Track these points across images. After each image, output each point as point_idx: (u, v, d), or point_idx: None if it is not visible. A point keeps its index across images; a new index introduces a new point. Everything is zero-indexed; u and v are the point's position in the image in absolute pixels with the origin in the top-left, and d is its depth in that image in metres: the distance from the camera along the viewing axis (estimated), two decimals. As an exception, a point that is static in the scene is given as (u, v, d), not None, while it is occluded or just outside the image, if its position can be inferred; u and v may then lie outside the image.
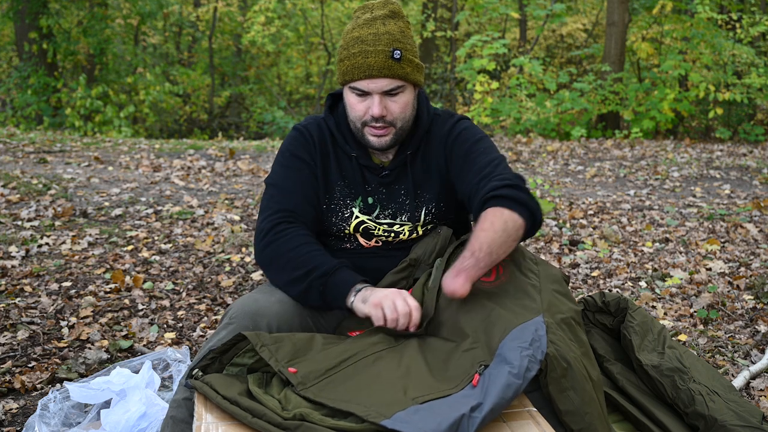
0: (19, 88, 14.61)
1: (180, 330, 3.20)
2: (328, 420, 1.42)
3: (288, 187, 1.96)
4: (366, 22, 1.88)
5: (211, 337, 1.76)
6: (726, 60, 11.76)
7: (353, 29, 1.89)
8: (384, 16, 1.88)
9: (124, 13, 16.95)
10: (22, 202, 5.43)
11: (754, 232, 4.87)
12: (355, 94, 1.89)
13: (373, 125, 1.89)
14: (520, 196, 1.80)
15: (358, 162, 1.98)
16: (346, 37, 1.90)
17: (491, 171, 1.88)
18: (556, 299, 1.78)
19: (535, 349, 1.56)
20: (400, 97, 1.89)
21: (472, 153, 1.95)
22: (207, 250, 4.38)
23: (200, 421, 1.48)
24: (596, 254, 4.38)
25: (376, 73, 1.83)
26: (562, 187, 6.86)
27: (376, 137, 1.91)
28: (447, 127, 2.01)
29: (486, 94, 11.84)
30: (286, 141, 2.04)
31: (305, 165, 1.98)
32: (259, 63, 20.47)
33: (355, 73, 1.85)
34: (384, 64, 1.83)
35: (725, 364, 2.79)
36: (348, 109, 1.94)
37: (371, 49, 1.83)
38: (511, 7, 12.73)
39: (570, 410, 1.57)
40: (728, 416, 1.85)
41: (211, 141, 10.99)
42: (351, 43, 1.87)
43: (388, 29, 1.86)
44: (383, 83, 1.85)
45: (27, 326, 3.11)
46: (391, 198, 2.00)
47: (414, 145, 1.98)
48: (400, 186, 1.99)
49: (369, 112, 1.88)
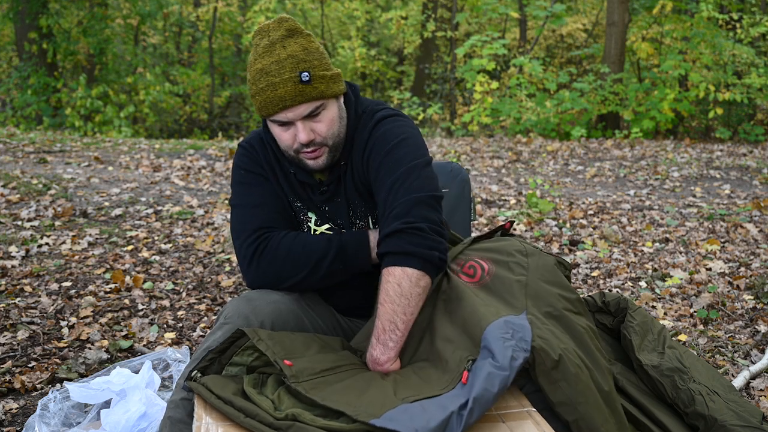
0: (19, 88, 14.62)
1: (180, 330, 3.20)
2: (319, 420, 1.43)
3: (254, 202, 1.90)
4: (266, 50, 1.78)
5: (207, 338, 1.76)
6: (726, 60, 11.76)
7: (255, 60, 1.80)
8: (282, 38, 1.78)
9: (124, 13, 16.96)
10: (22, 202, 5.43)
11: (754, 232, 4.87)
12: (277, 126, 1.82)
13: (305, 150, 1.82)
14: (404, 246, 1.69)
15: (297, 179, 1.93)
16: (251, 69, 1.81)
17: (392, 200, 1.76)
18: (545, 291, 1.77)
19: (518, 339, 1.56)
20: (323, 116, 1.80)
21: (381, 170, 1.82)
22: (207, 250, 4.38)
23: (200, 421, 1.48)
24: (596, 254, 4.38)
25: (290, 103, 1.75)
26: (562, 187, 6.86)
27: (313, 160, 1.84)
28: (365, 132, 1.89)
29: (486, 94, 11.85)
30: (235, 159, 1.98)
31: (261, 178, 1.94)
32: (259, 63, 20.44)
33: (269, 108, 1.77)
34: (294, 92, 1.75)
35: (725, 364, 2.79)
36: (277, 140, 1.87)
37: (278, 80, 1.74)
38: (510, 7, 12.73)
39: (562, 401, 1.57)
40: (728, 416, 1.85)
41: (211, 141, 10.99)
42: (257, 77, 1.78)
43: (289, 52, 1.76)
44: (300, 110, 1.77)
45: (27, 326, 3.11)
46: (336, 213, 1.95)
47: (345, 155, 1.90)
48: (340, 200, 1.93)
49: (297, 139, 1.81)
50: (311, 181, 1.92)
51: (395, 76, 21.20)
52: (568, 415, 1.57)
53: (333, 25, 20.53)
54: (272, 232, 1.87)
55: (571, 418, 1.57)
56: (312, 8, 19.56)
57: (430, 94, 16.98)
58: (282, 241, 1.84)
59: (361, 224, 1.95)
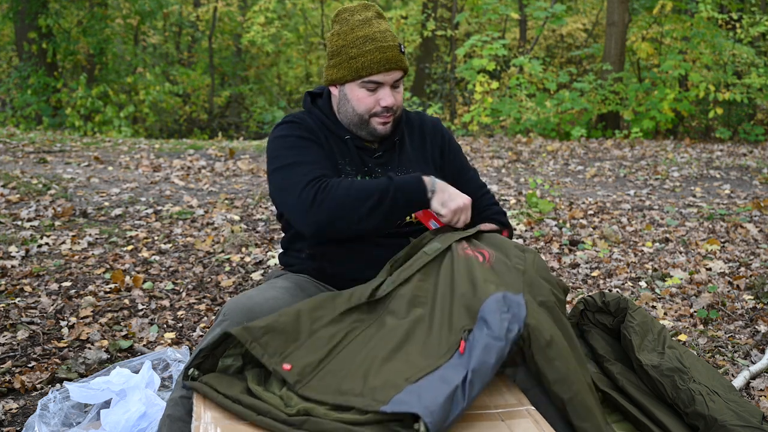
0: (19, 88, 14.61)
1: (180, 330, 3.20)
2: (332, 413, 1.44)
3: (309, 160, 1.98)
4: (363, 23, 2.02)
5: (207, 336, 1.77)
6: (726, 60, 11.76)
7: (353, 29, 2.01)
8: (375, 16, 2.04)
9: (124, 13, 16.95)
10: (22, 202, 5.43)
11: (754, 232, 4.87)
12: (365, 89, 2.01)
13: (383, 115, 2.03)
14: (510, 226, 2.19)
15: (354, 144, 2.08)
16: (348, 37, 2.00)
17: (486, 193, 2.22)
18: (540, 283, 1.80)
19: (514, 314, 1.59)
20: (400, 88, 2.07)
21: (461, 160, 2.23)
22: (207, 250, 4.38)
23: (199, 420, 1.48)
24: (596, 254, 4.38)
25: (393, 66, 1.99)
26: (562, 187, 6.86)
27: (383, 125, 2.04)
28: (430, 121, 2.23)
29: (486, 94, 11.84)
30: (280, 131, 2.06)
31: (312, 142, 2.04)
32: (259, 63, 20.48)
33: (374, 67, 1.97)
34: (398, 57, 2.00)
35: (725, 364, 2.79)
36: (355, 104, 2.03)
37: (386, 45, 1.99)
38: (510, 7, 12.73)
39: (557, 379, 1.60)
40: (728, 416, 1.85)
41: (211, 141, 10.99)
42: (360, 42, 1.98)
43: (386, 26, 2.04)
44: (396, 75, 2.02)
45: (27, 326, 3.11)
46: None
47: (399, 132, 2.13)
48: (393, 166, 2.11)
49: (380, 103, 2.01)
50: (365, 146, 2.10)
51: (395, 75, 21.13)
52: (564, 393, 1.59)
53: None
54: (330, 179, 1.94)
55: (566, 396, 1.59)
56: (312, 8, 19.56)
57: (430, 93, 16.98)
58: (341, 183, 1.92)
59: None
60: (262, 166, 7.65)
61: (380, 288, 1.80)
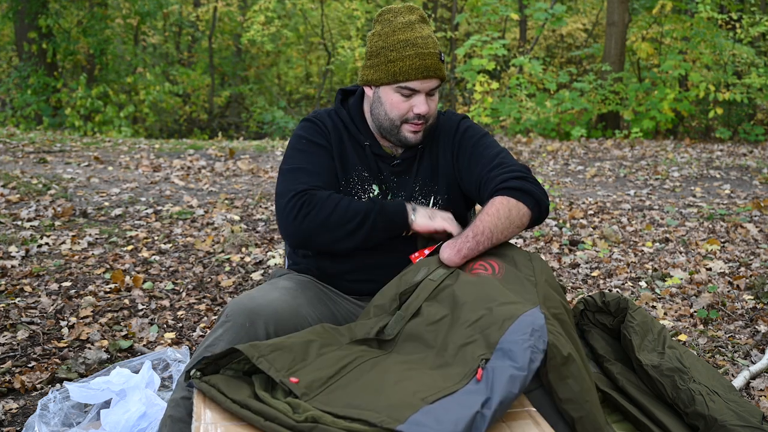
0: (18, 88, 14.61)
1: (180, 330, 3.20)
2: (341, 422, 1.41)
3: (308, 168, 2.00)
4: (405, 26, 1.98)
5: (208, 336, 1.76)
6: (726, 60, 11.75)
7: (395, 32, 1.98)
8: (418, 21, 2.00)
9: (124, 13, 16.95)
10: (22, 202, 5.43)
11: (754, 232, 4.87)
12: (400, 94, 1.98)
13: (415, 122, 2.00)
14: (526, 186, 1.92)
15: (372, 150, 2.07)
16: (389, 39, 1.98)
17: (500, 162, 2.00)
18: (551, 294, 1.79)
19: (536, 339, 1.56)
20: (436, 96, 2.04)
21: (479, 147, 2.07)
22: (207, 250, 4.38)
23: (199, 421, 1.48)
24: (596, 254, 4.38)
25: (432, 74, 1.96)
26: (562, 187, 6.86)
27: (413, 133, 2.02)
28: (452, 124, 2.13)
29: (486, 94, 11.84)
30: (298, 130, 2.10)
31: (323, 149, 2.05)
32: (259, 63, 20.48)
33: (411, 74, 1.95)
34: (436, 65, 1.97)
35: (725, 364, 2.79)
36: (388, 108, 2.01)
37: (426, 52, 1.95)
38: (510, 7, 12.72)
39: (570, 398, 1.58)
40: (728, 416, 1.85)
41: (211, 141, 10.99)
42: (400, 46, 1.96)
43: (428, 33, 1.99)
44: (433, 83, 1.99)
45: (27, 326, 3.11)
46: (401, 187, 2.08)
47: (425, 140, 2.09)
48: (410, 176, 2.08)
49: (413, 110, 1.99)
50: (384, 154, 2.08)
51: (395, 76, 21.13)
52: (575, 412, 1.58)
53: (333, 25, 20.53)
54: (319, 191, 1.95)
55: (577, 415, 1.58)
56: (312, 8, 19.55)
57: (430, 93, 16.94)
58: (329, 198, 1.93)
59: (422, 201, 2.09)
60: (263, 166, 7.65)
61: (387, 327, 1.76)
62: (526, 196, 1.92)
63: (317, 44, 20.57)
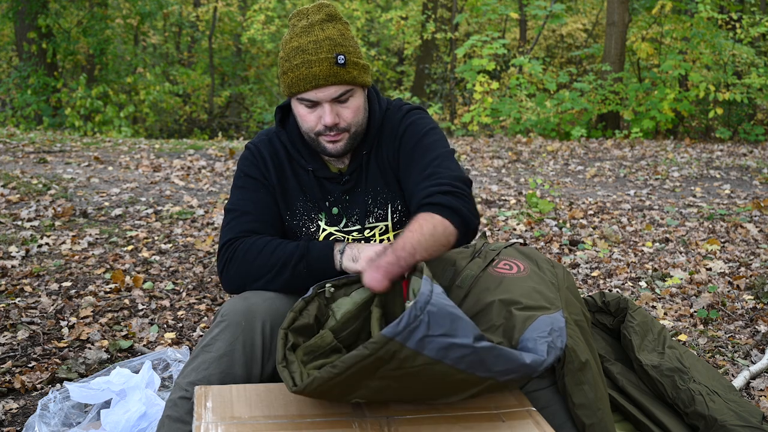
0: (18, 88, 14.62)
1: (180, 330, 3.20)
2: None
3: (244, 208, 1.93)
4: (304, 30, 1.83)
5: (204, 336, 1.76)
6: (726, 60, 11.76)
7: (291, 39, 1.84)
8: (321, 21, 1.83)
9: (124, 13, 16.96)
10: (22, 202, 5.43)
11: (754, 232, 4.87)
12: (304, 105, 1.85)
13: (328, 134, 1.85)
14: (452, 202, 1.77)
15: (315, 175, 1.96)
16: (286, 47, 1.84)
17: (433, 172, 1.84)
18: (572, 301, 1.78)
19: (555, 337, 1.53)
20: (350, 102, 1.85)
21: (417, 150, 1.91)
22: (207, 250, 4.38)
23: (200, 421, 1.48)
24: (596, 254, 4.38)
25: (323, 82, 1.79)
26: (562, 187, 6.86)
27: (332, 143, 1.87)
28: (395, 121, 1.97)
29: (486, 94, 11.84)
30: (239, 161, 2.01)
31: (259, 184, 1.96)
32: (259, 63, 20.48)
33: (301, 85, 1.80)
34: (329, 72, 1.79)
35: (725, 364, 2.79)
36: (299, 121, 1.90)
37: (314, 58, 1.79)
38: (510, 7, 12.73)
39: (584, 404, 1.58)
40: (728, 416, 1.85)
41: (211, 141, 10.99)
42: (292, 54, 1.81)
43: (327, 34, 1.82)
44: (331, 91, 1.81)
45: (27, 326, 3.11)
46: (355, 203, 1.97)
47: (368, 145, 1.95)
48: (362, 188, 1.97)
49: (321, 121, 1.84)
50: (331, 175, 1.95)
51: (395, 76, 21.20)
52: (587, 419, 1.58)
53: (333, 25, 20.49)
54: (247, 237, 1.88)
55: (588, 422, 1.58)
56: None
57: (430, 94, 16.99)
58: (252, 244, 1.86)
59: (379, 212, 1.97)
60: (262, 166, 7.64)
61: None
62: (453, 214, 1.75)
63: (317, 44, 20.53)
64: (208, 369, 1.69)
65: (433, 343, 1.37)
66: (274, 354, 1.74)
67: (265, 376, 1.75)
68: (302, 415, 1.52)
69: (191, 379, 1.69)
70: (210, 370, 1.69)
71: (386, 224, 1.99)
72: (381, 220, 1.99)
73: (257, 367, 1.73)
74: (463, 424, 1.48)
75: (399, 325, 1.35)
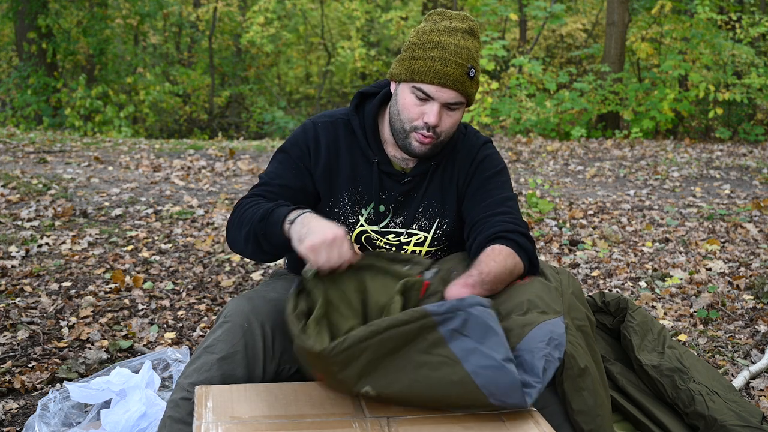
0: (18, 88, 14.61)
1: (180, 330, 3.20)
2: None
3: (270, 181, 1.94)
4: (446, 30, 1.86)
5: (207, 337, 1.77)
6: (726, 60, 11.76)
7: (432, 32, 1.86)
8: (464, 31, 1.87)
9: (124, 13, 16.95)
10: (22, 202, 5.43)
11: (754, 232, 4.88)
12: (416, 96, 1.85)
13: (422, 132, 1.86)
14: (528, 246, 1.86)
15: (379, 168, 1.95)
16: (423, 37, 1.86)
17: (507, 210, 1.92)
18: (576, 306, 1.78)
19: (553, 348, 1.53)
20: (455, 113, 1.89)
21: (491, 183, 1.97)
22: (207, 250, 4.38)
23: (200, 420, 1.48)
24: (596, 254, 4.38)
25: (450, 84, 1.82)
26: (562, 187, 6.86)
27: (420, 143, 1.88)
28: (473, 148, 2.01)
29: (486, 94, 11.84)
30: (294, 131, 2.01)
31: (294, 164, 1.95)
32: (259, 63, 20.47)
33: (428, 76, 1.82)
34: (459, 78, 1.82)
35: (725, 364, 2.79)
36: (399, 107, 1.89)
37: (452, 59, 1.82)
38: (510, 8, 12.73)
39: (583, 410, 1.58)
40: (728, 416, 1.85)
41: (211, 141, 10.99)
42: (429, 46, 1.83)
43: (467, 45, 1.85)
44: (451, 95, 1.84)
45: (27, 326, 3.11)
46: (406, 206, 1.97)
47: (440, 157, 1.96)
48: (419, 194, 1.97)
49: (424, 117, 1.85)
50: (393, 171, 1.96)
51: (395, 76, 21.10)
52: (586, 425, 1.58)
53: (333, 25, 20.53)
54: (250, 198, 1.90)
55: (587, 428, 1.58)
56: (312, 8, 19.55)
57: (430, 94, 16.93)
58: (240, 206, 1.87)
59: (425, 223, 1.97)
60: (262, 166, 7.65)
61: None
62: (526, 256, 1.85)
63: (317, 44, 20.57)
64: (209, 371, 1.70)
65: (462, 341, 1.43)
66: (275, 355, 1.75)
67: (266, 377, 1.75)
68: (302, 415, 1.52)
69: (193, 380, 1.69)
70: (212, 371, 1.69)
71: (426, 236, 1.98)
72: (424, 230, 1.98)
73: (259, 368, 1.73)
74: (463, 424, 1.48)
75: (441, 307, 1.44)
